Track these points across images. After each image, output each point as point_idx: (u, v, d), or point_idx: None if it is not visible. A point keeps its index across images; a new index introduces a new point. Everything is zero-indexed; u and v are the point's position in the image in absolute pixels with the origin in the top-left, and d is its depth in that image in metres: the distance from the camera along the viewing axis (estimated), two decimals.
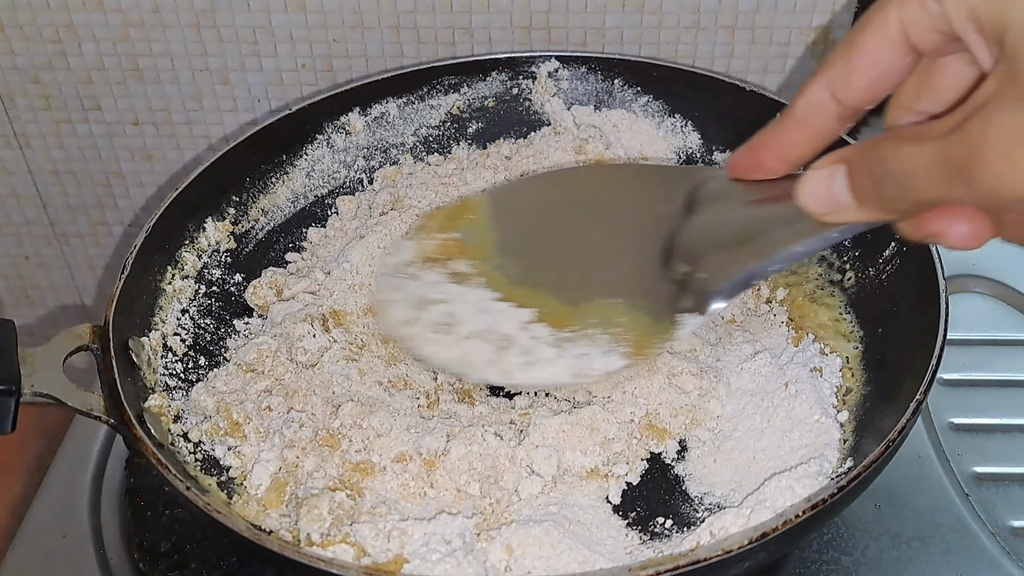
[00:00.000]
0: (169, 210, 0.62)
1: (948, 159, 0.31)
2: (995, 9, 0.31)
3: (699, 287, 0.44)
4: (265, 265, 0.67)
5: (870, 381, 0.56)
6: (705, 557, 0.43)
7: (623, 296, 0.47)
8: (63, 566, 0.59)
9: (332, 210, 0.71)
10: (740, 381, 0.58)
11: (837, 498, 0.45)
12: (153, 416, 0.54)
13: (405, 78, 0.73)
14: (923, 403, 0.49)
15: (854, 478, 0.45)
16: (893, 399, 0.52)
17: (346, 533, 0.49)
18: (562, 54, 0.74)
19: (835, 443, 0.52)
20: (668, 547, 0.50)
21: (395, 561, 0.48)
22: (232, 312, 0.64)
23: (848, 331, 0.60)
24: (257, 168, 0.69)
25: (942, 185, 0.32)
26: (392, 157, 0.73)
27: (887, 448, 0.46)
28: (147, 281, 0.60)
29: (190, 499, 0.47)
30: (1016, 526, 0.59)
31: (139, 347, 0.57)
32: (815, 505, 0.45)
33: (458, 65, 0.73)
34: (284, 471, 0.53)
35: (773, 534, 0.44)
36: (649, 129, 0.73)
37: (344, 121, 0.72)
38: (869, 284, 0.61)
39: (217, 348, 0.62)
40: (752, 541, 0.43)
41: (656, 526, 0.52)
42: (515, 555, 0.49)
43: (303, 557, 0.45)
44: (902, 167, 0.33)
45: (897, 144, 0.33)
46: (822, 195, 0.37)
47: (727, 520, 0.49)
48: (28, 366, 0.51)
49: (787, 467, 0.51)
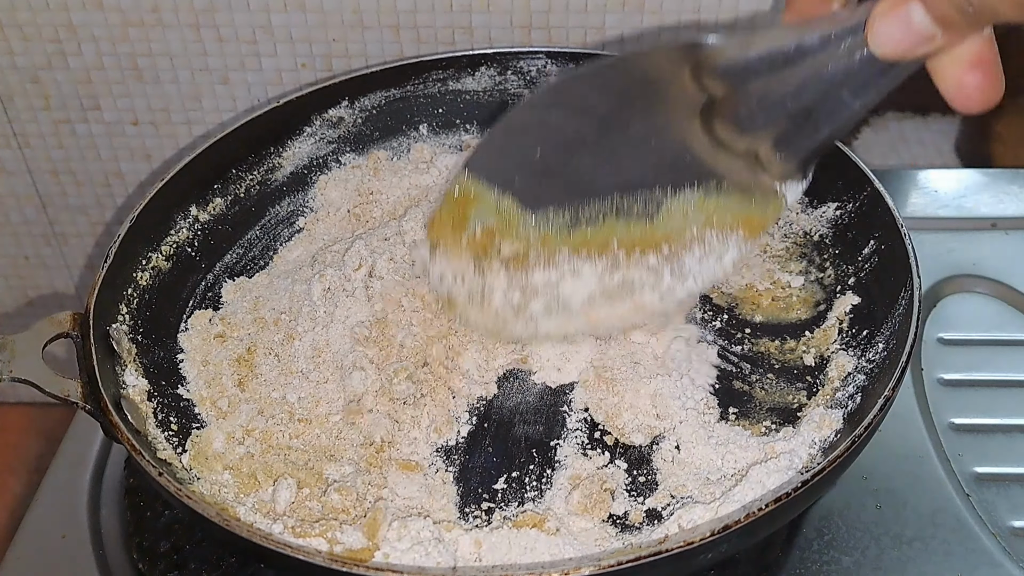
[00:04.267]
0: (155, 200, 0.62)
1: None
2: None
3: (786, 156, 0.42)
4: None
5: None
6: (669, 548, 0.43)
7: (692, 186, 0.45)
8: (63, 566, 0.59)
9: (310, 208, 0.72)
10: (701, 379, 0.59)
11: (800, 492, 0.45)
12: (131, 403, 0.54)
13: (393, 72, 0.73)
14: (892, 399, 0.49)
15: (819, 472, 0.46)
16: (868, 396, 0.53)
17: (323, 528, 0.49)
18: (551, 49, 0.74)
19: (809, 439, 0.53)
20: (638, 539, 0.50)
21: (366, 549, 0.48)
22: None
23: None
24: (244, 160, 0.69)
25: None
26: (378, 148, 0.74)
27: (853, 443, 0.47)
28: (130, 270, 0.61)
29: (163, 484, 0.47)
30: (1016, 526, 0.58)
31: (120, 335, 0.57)
32: (779, 499, 0.45)
33: (447, 60, 0.73)
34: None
35: (736, 527, 0.44)
36: None
37: (331, 114, 0.72)
38: (847, 282, 0.62)
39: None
40: (715, 533, 0.43)
41: (628, 519, 0.52)
42: (484, 547, 0.49)
43: (272, 544, 0.45)
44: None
45: None
46: (904, 32, 0.37)
47: (696, 513, 0.49)
48: (8, 352, 0.52)
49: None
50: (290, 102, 0.70)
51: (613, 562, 0.42)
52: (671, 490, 0.53)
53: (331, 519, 0.50)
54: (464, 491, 0.54)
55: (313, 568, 0.44)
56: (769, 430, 0.56)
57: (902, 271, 0.56)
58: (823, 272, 0.64)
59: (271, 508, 0.51)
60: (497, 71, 0.74)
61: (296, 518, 0.51)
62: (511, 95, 0.75)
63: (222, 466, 0.54)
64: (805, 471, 0.50)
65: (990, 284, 0.72)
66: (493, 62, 0.74)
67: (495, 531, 0.50)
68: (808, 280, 0.64)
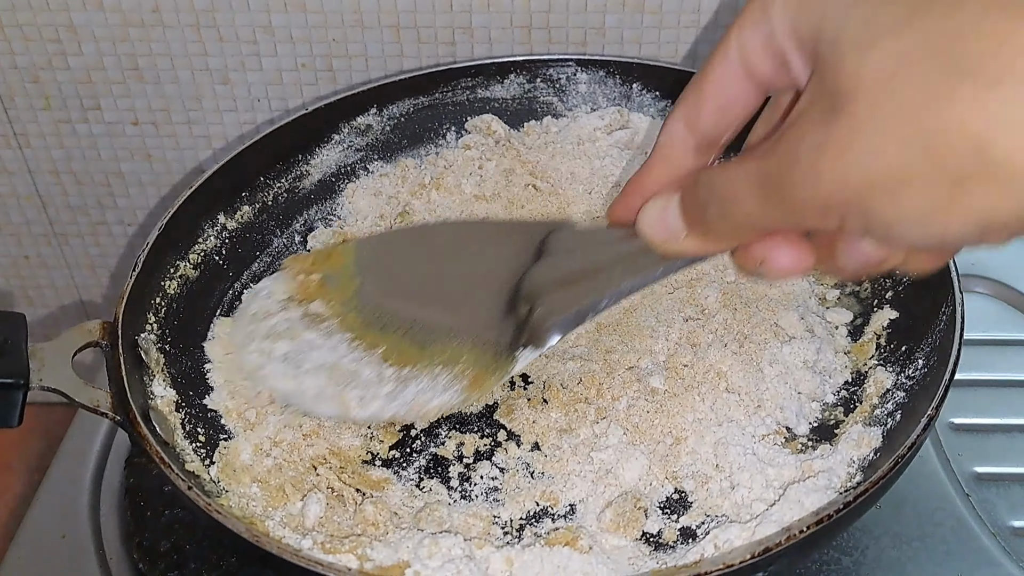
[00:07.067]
0: (183, 208, 0.62)
1: (764, 175, 0.31)
2: (811, 21, 0.31)
3: (537, 322, 0.44)
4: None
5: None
6: (708, 571, 0.42)
7: (468, 337, 0.48)
8: (63, 566, 0.59)
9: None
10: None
11: (843, 513, 0.44)
12: (159, 414, 0.54)
13: (422, 79, 0.72)
14: (935, 418, 0.48)
15: (862, 493, 0.45)
16: (908, 414, 0.52)
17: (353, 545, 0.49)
18: (581, 57, 0.73)
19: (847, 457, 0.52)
20: (672, 559, 0.50)
21: (397, 566, 0.48)
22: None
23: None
24: (272, 168, 0.69)
25: (760, 204, 0.32)
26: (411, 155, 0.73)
27: (896, 463, 0.46)
28: (158, 279, 0.60)
29: (191, 499, 0.47)
30: (1016, 526, 0.58)
31: (148, 345, 0.57)
32: (820, 520, 0.44)
33: (476, 67, 0.73)
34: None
35: (776, 549, 0.43)
36: None
37: (360, 122, 0.72)
38: (884, 296, 0.61)
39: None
40: (755, 556, 0.43)
41: (661, 537, 0.51)
42: (516, 565, 0.49)
43: (302, 560, 0.44)
44: (724, 189, 0.33)
45: (723, 168, 0.33)
46: (656, 222, 0.37)
47: (732, 533, 0.48)
48: (37, 360, 0.51)
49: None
50: (318, 109, 0.69)
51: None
52: (705, 509, 0.52)
53: (361, 535, 0.50)
54: (498, 509, 0.53)
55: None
56: (806, 447, 0.55)
57: (942, 285, 0.55)
58: (860, 285, 0.63)
59: (300, 522, 0.51)
60: (526, 79, 0.74)
61: (325, 533, 0.50)
62: (540, 103, 0.74)
63: (250, 478, 0.53)
64: (843, 490, 0.49)
65: (990, 284, 0.72)
66: (522, 69, 0.73)
67: (527, 548, 0.49)
68: (844, 294, 0.63)
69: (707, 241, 0.36)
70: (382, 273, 0.53)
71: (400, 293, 0.52)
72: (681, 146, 0.37)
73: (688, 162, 0.38)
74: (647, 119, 0.73)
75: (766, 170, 0.31)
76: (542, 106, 0.74)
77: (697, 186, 0.35)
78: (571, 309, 0.43)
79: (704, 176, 0.34)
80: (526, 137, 0.73)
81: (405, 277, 0.53)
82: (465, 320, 0.49)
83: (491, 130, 0.72)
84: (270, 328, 0.52)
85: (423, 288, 0.52)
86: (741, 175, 0.32)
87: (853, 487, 0.49)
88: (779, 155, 0.30)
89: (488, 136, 0.72)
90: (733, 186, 0.33)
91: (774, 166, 0.31)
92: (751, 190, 0.32)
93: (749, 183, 0.32)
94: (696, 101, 0.36)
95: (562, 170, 0.70)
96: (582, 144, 0.72)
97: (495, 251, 0.50)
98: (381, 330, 0.50)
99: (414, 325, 0.50)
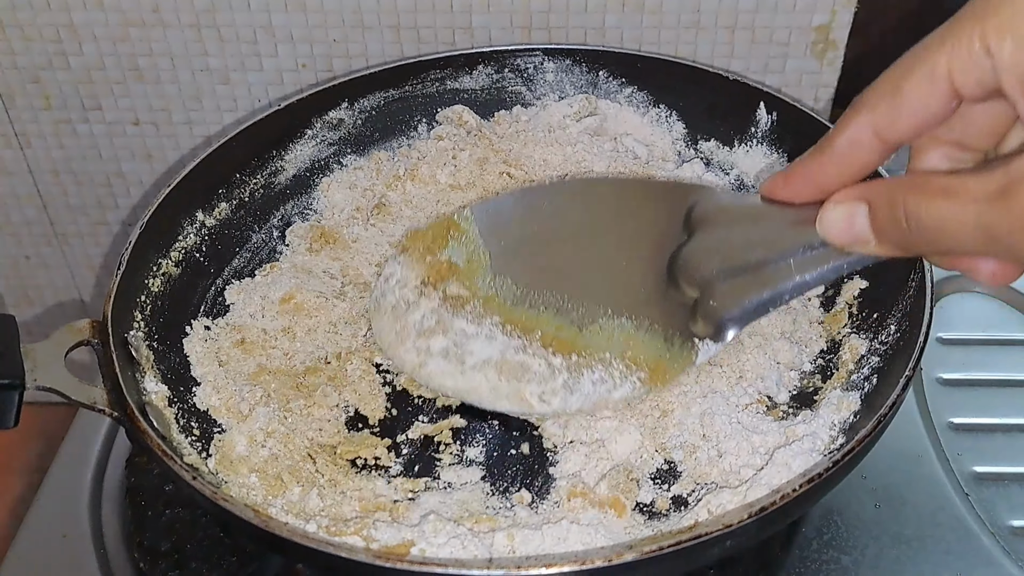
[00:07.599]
0: (163, 205, 0.62)
1: (988, 225, 0.32)
2: None
3: (713, 314, 0.44)
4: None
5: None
6: (708, 532, 0.43)
7: (630, 317, 0.48)
8: (63, 566, 0.59)
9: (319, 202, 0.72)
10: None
11: (832, 471, 0.46)
12: (155, 409, 0.54)
13: (390, 72, 0.73)
14: (912, 377, 0.50)
15: (848, 452, 0.46)
16: (884, 377, 0.54)
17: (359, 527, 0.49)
18: (547, 47, 0.74)
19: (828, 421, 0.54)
20: (667, 526, 0.51)
21: (403, 545, 0.48)
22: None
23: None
24: (247, 164, 0.69)
25: (977, 245, 0.32)
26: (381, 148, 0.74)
27: (879, 422, 0.47)
28: (142, 277, 0.60)
29: (197, 489, 0.47)
30: (1016, 526, 0.59)
31: (138, 342, 0.57)
32: (811, 479, 0.46)
33: (444, 59, 0.74)
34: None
35: (772, 508, 0.44)
36: (634, 119, 0.74)
37: (331, 116, 0.72)
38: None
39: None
40: (752, 515, 0.44)
41: (655, 507, 0.53)
42: (517, 540, 0.49)
43: (312, 542, 0.45)
44: (934, 222, 0.34)
45: (930, 198, 0.34)
46: (844, 228, 0.38)
47: (724, 498, 0.50)
48: (30, 361, 0.51)
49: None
50: (290, 105, 0.70)
51: (654, 547, 0.43)
52: (695, 477, 0.53)
53: (364, 517, 0.51)
54: (495, 486, 0.54)
55: (357, 565, 0.44)
56: (787, 414, 0.56)
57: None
58: None
59: (301, 509, 0.51)
60: (494, 69, 0.74)
61: (329, 518, 0.51)
62: (509, 92, 0.75)
63: (248, 469, 0.54)
64: (827, 452, 0.51)
65: None
66: (490, 60, 0.74)
67: (527, 523, 0.50)
68: None
69: (903, 252, 0.37)
70: (509, 242, 0.52)
71: (535, 264, 0.50)
72: (866, 150, 0.38)
73: (871, 163, 0.39)
74: (615, 105, 0.74)
75: (991, 219, 0.31)
76: (511, 96, 0.75)
77: (893, 207, 0.35)
78: (752, 303, 0.43)
79: (909, 202, 0.35)
80: (497, 127, 0.74)
81: (535, 245, 0.51)
82: (618, 297, 0.48)
83: (463, 120, 0.73)
84: (419, 324, 0.51)
85: (560, 257, 0.50)
86: (957, 215, 0.33)
87: (837, 448, 0.51)
88: (1010, 209, 0.31)
89: (460, 127, 0.73)
90: (946, 222, 0.33)
91: (1003, 220, 0.31)
92: (969, 231, 0.32)
93: (968, 226, 0.32)
94: (891, 114, 0.36)
95: (535, 157, 0.71)
96: (552, 131, 0.73)
97: (635, 217, 0.49)
98: (529, 309, 0.49)
99: (563, 303, 0.49)
